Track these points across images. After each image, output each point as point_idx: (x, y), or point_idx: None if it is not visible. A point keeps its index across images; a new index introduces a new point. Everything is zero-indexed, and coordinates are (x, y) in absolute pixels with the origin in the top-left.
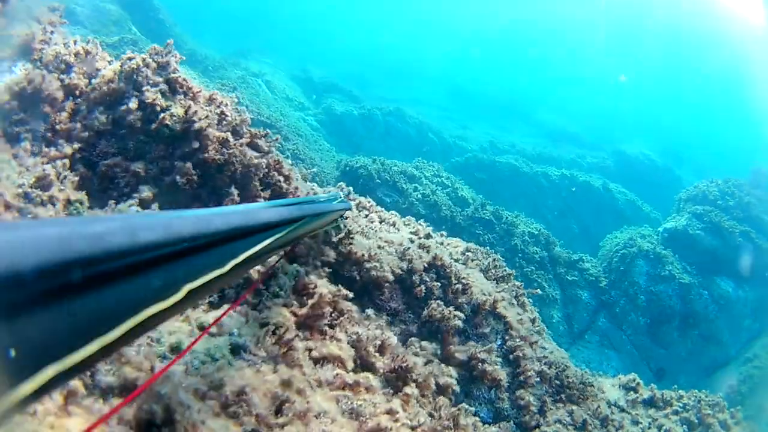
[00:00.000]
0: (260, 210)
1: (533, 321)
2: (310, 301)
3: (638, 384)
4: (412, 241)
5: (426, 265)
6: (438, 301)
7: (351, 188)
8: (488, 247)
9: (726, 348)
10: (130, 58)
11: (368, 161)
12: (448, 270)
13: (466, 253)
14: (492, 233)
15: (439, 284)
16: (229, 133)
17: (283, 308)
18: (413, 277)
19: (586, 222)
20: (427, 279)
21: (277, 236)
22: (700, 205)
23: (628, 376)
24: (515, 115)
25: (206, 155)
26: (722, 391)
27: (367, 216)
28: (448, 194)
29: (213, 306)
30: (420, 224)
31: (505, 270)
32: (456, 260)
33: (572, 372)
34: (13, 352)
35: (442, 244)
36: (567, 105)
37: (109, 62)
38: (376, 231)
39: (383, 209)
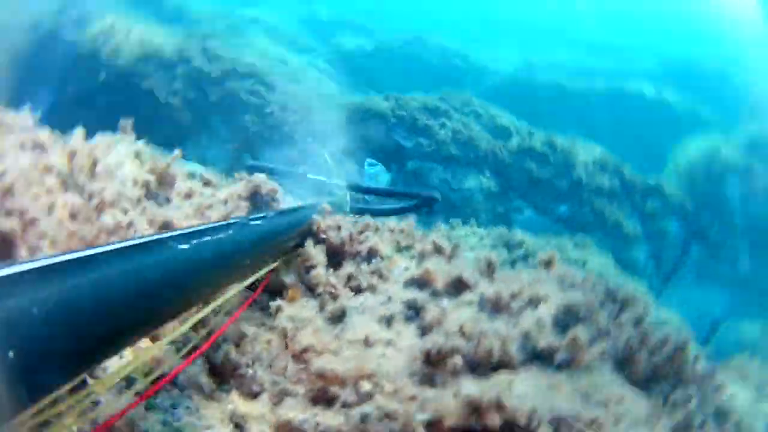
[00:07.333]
0: (258, 217)
1: None
2: None
3: None
4: None
5: None
6: None
7: None
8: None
9: None
10: None
11: (378, 99)
12: None
13: None
14: (546, 166)
15: None
16: None
17: None
18: None
19: (645, 137)
20: None
21: (274, 240)
22: None
23: None
24: (549, 32)
25: None
26: None
27: None
28: (485, 125)
29: None
30: None
31: None
32: None
33: None
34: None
35: None
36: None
37: None
38: None
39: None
